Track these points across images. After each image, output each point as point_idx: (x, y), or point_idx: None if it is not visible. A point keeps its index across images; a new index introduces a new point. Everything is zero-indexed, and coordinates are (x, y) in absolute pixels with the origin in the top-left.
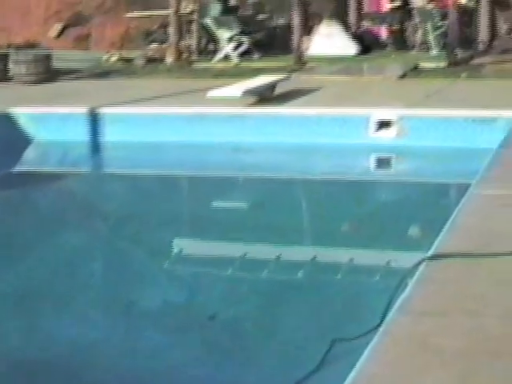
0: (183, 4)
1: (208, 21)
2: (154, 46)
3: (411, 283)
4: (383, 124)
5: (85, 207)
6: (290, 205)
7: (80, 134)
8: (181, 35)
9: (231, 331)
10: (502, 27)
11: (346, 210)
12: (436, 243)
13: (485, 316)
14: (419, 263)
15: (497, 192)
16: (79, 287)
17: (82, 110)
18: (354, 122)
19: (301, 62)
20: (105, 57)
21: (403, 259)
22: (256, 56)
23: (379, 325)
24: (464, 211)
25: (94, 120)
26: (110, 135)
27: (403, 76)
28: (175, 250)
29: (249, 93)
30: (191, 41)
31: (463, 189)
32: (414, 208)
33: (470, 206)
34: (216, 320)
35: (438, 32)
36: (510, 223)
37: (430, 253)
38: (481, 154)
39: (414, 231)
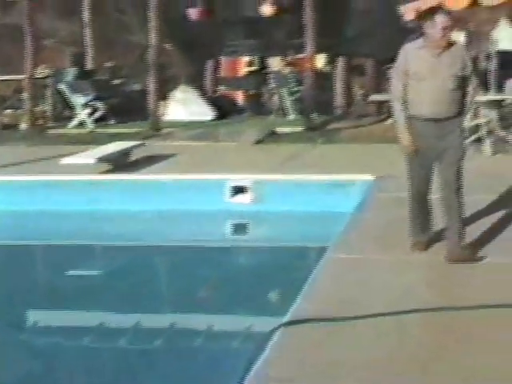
0: (38, 69)
1: (63, 86)
2: (8, 112)
3: (268, 349)
4: (239, 190)
5: None
6: (150, 272)
7: None
8: (35, 101)
9: None
10: (358, 92)
11: (205, 276)
12: (293, 308)
13: (342, 380)
14: (275, 329)
15: (352, 256)
16: None
17: None
18: (210, 188)
19: (157, 128)
20: None
21: (260, 325)
22: (111, 122)
23: None
24: (321, 275)
25: None
26: None
27: (260, 141)
28: (31, 321)
29: (103, 160)
30: (46, 106)
31: (320, 253)
32: (271, 273)
33: (327, 270)
34: None
35: (295, 97)
36: (365, 287)
37: (287, 318)
38: (337, 218)
39: (271, 297)
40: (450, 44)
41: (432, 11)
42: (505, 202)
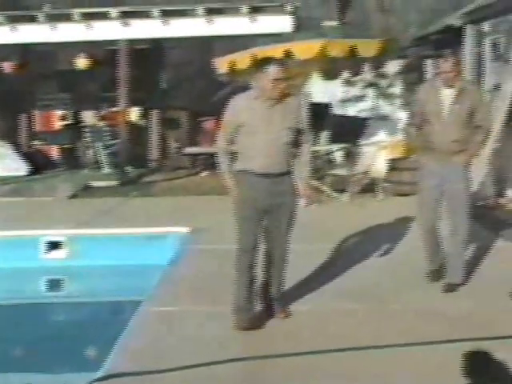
0: None
1: None
2: None
3: None
4: (54, 245)
5: None
6: None
7: None
8: None
9: None
10: (173, 145)
11: (18, 333)
12: (106, 363)
13: None
14: None
15: (166, 308)
16: None
17: None
18: (24, 245)
19: None
20: None
21: (73, 382)
22: None
23: None
24: (134, 329)
25: None
26: None
27: (74, 196)
28: None
29: None
30: None
31: (135, 306)
32: (86, 328)
33: (141, 324)
34: None
35: (110, 150)
36: (178, 339)
37: (99, 373)
38: (152, 271)
39: (85, 352)
40: (285, 95)
41: (265, 61)
42: (320, 251)
